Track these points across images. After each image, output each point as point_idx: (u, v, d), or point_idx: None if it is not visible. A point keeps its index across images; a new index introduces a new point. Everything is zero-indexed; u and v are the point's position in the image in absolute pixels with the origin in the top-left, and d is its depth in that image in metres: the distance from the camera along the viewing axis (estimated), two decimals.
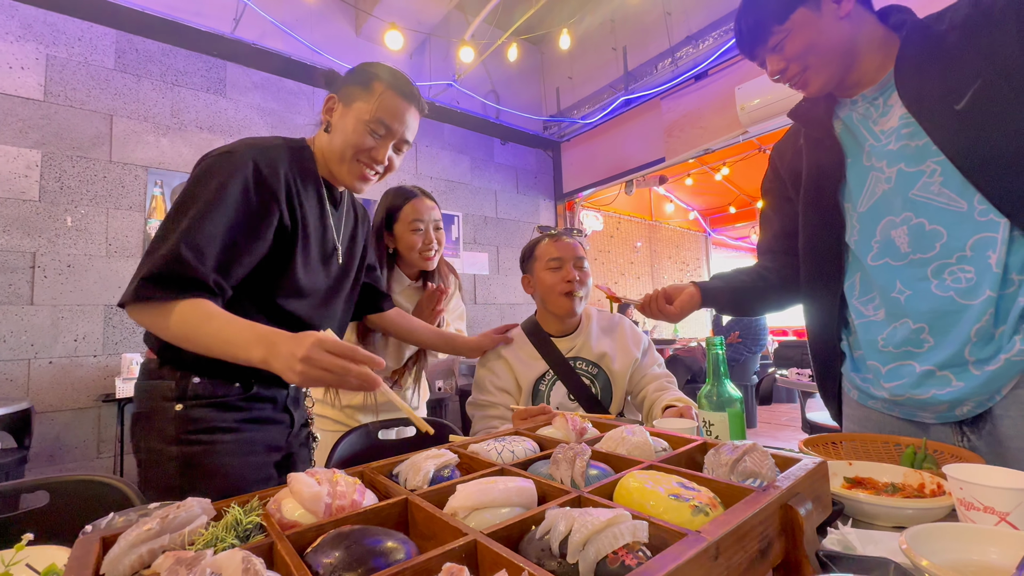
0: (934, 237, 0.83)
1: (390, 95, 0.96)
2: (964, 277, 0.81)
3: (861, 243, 0.93)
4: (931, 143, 0.81)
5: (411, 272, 1.55)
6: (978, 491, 0.57)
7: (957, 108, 0.78)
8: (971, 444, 0.85)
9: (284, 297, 0.95)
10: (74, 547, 0.47)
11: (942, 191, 0.82)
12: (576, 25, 4.49)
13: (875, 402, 0.96)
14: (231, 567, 0.36)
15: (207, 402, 0.91)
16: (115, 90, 3.04)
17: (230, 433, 0.93)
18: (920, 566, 0.46)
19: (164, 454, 0.89)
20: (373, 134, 0.96)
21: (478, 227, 4.72)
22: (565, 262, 1.38)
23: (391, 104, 0.96)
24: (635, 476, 0.53)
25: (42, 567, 0.51)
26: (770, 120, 3.24)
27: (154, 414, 0.90)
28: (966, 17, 0.80)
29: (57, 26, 2.89)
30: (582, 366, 1.39)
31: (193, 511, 0.48)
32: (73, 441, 2.82)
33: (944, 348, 0.83)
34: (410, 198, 1.47)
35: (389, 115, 0.96)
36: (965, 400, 0.82)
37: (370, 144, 0.96)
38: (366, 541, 0.43)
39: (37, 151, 2.78)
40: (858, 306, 0.96)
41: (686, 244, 8.01)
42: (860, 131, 0.93)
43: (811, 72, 0.89)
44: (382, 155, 0.98)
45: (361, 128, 0.95)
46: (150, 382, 0.93)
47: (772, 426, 4.97)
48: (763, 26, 0.89)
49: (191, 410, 0.90)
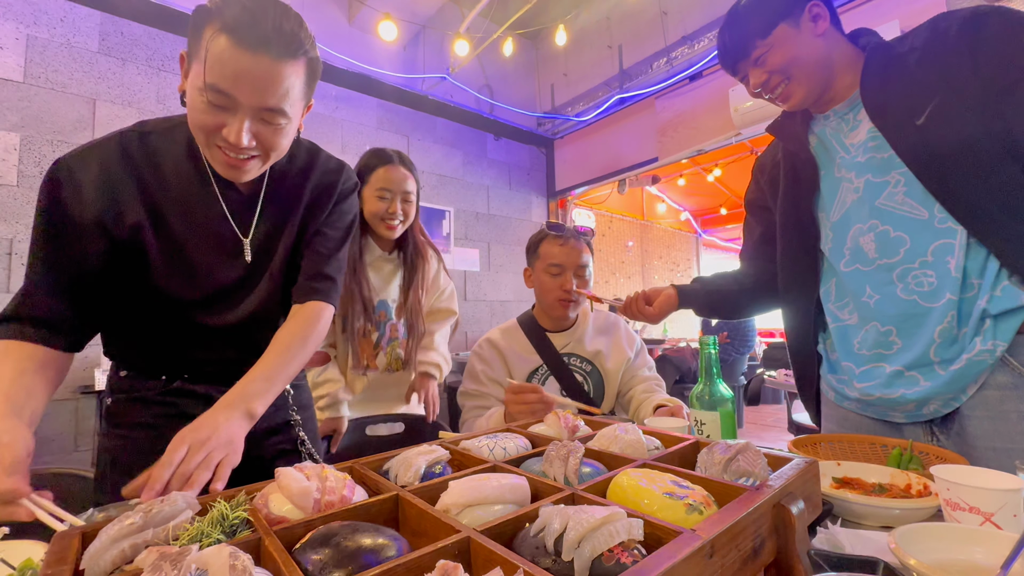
0: (898, 244, 0.88)
1: (225, 45, 0.66)
2: (926, 281, 0.85)
3: (835, 250, 0.98)
4: (895, 155, 0.87)
5: (384, 244, 1.48)
6: (964, 492, 0.58)
7: (917, 123, 0.84)
8: (941, 444, 0.89)
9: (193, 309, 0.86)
10: (52, 542, 0.45)
11: (905, 200, 0.87)
12: (572, 21, 4.47)
13: (849, 403, 1.00)
14: (217, 563, 0.35)
15: (127, 396, 0.90)
16: (99, 73, 2.96)
17: (145, 429, 0.88)
18: (908, 565, 0.46)
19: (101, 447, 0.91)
20: (211, 106, 0.69)
21: (469, 223, 4.70)
22: (565, 269, 1.36)
23: (228, 58, 0.66)
24: (629, 474, 0.53)
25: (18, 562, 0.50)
26: (763, 122, 3.26)
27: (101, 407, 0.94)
28: (925, 40, 0.86)
29: (39, 5, 2.80)
30: (576, 363, 1.39)
31: (177, 505, 0.46)
32: (50, 434, 2.76)
33: (911, 349, 0.87)
34: (385, 162, 1.40)
35: (227, 75, 0.67)
36: (931, 399, 0.86)
37: (212, 122, 0.70)
38: (357, 537, 0.42)
39: (16, 134, 2.70)
40: (834, 311, 1.00)
41: (677, 244, 8.06)
42: (832, 144, 0.98)
43: (792, 84, 0.94)
44: (235, 134, 0.70)
45: (196, 101, 0.70)
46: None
47: (758, 427, 5.04)
48: (746, 40, 0.94)
49: (115, 404, 0.90)
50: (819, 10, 0.91)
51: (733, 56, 0.97)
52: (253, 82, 0.68)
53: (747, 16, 0.94)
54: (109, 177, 0.78)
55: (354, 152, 3.93)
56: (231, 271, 0.88)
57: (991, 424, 0.82)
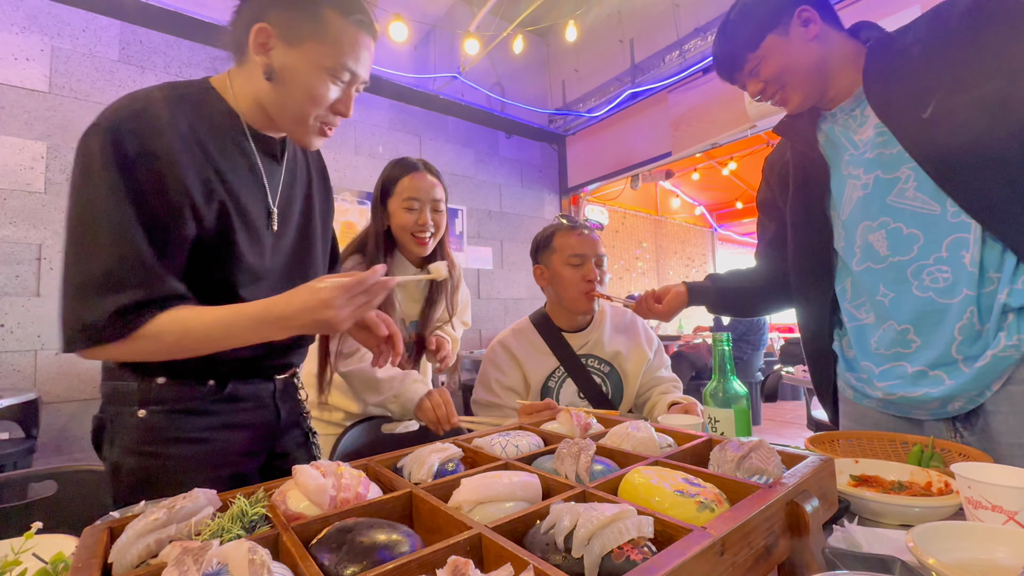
0: (911, 240, 0.86)
1: (351, 29, 0.76)
2: (941, 277, 0.84)
3: (847, 249, 0.96)
4: (903, 151, 0.85)
5: (414, 259, 1.37)
6: (986, 490, 0.56)
7: (924, 117, 0.82)
8: (964, 440, 0.87)
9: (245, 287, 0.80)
10: (82, 536, 0.47)
11: (916, 196, 0.85)
12: (583, 17, 4.44)
13: (870, 401, 0.98)
14: (237, 557, 0.37)
15: (171, 408, 0.78)
16: (119, 81, 3.04)
17: (195, 444, 0.80)
18: (927, 564, 0.45)
19: (123, 467, 0.77)
20: (337, 82, 0.77)
21: (482, 221, 4.71)
22: (587, 259, 1.32)
23: (355, 40, 0.76)
24: (640, 472, 0.53)
25: (49, 556, 0.52)
26: (778, 114, 3.19)
27: (116, 419, 0.79)
28: (927, 30, 0.85)
29: (62, 17, 2.89)
30: (594, 364, 1.35)
31: (199, 502, 0.48)
32: (80, 431, 2.85)
33: (932, 348, 0.86)
34: (409, 171, 1.30)
35: (354, 55, 0.76)
36: (956, 396, 0.84)
37: (334, 95, 0.78)
38: (371, 533, 0.43)
39: (42, 143, 2.79)
40: (851, 310, 0.98)
41: (692, 240, 7.97)
42: (841, 142, 0.96)
43: (789, 90, 0.94)
44: (347, 105, 0.80)
45: (322, 78, 0.76)
46: (111, 383, 0.80)
47: (777, 423, 4.96)
48: (737, 53, 0.95)
49: (153, 416, 0.78)
50: (808, 14, 0.90)
51: (728, 68, 0.98)
52: (367, 60, 0.80)
53: (736, 29, 0.94)
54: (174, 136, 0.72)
55: (367, 153, 3.97)
56: (266, 244, 0.84)
57: (1016, 420, 0.80)
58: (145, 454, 0.78)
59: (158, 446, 0.78)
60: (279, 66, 0.76)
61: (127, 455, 0.78)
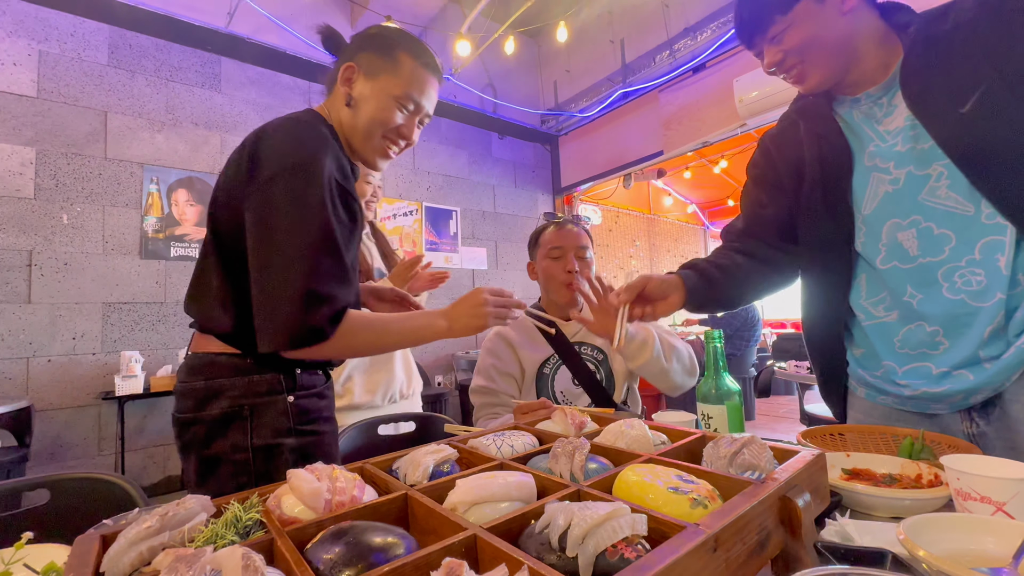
0: (943, 241, 0.82)
1: (420, 69, 0.92)
2: (975, 280, 0.80)
3: (868, 245, 0.91)
4: (935, 146, 0.79)
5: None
6: (975, 481, 0.57)
7: (962, 111, 0.76)
8: (980, 429, 0.85)
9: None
10: (74, 545, 0.47)
11: (949, 195, 0.80)
12: (573, 17, 4.45)
13: (886, 398, 0.94)
14: (231, 564, 0.36)
15: (309, 392, 0.92)
16: (109, 86, 3.01)
17: (329, 423, 0.97)
18: (918, 556, 0.46)
19: (279, 448, 0.87)
20: (403, 109, 0.93)
21: (476, 222, 4.71)
22: (566, 251, 1.39)
23: (421, 78, 0.93)
24: (634, 469, 0.53)
25: (41, 566, 0.51)
26: (768, 112, 3.22)
27: (265, 408, 0.87)
28: (973, 18, 0.78)
29: (49, 21, 2.86)
30: (587, 351, 1.40)
31: (192, 508, 0.48)
32: (74, 439, 2.83)
33: (959, 350, 0.82)
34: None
35: (419, 90, 0.93)
36: (980, 390, 0.82)
37: (399, 121, 0.93)
38: (366, 536, 0.43)
39: (31, 148, 2.76)
40: (867, 307, 0.93)
41: (685, 237, 8.01)
42: (863, 130, 0.90)
43: (808, 66, 0.86)
44: (410, 131, 0.96)
45: (390, 104, 0.91)
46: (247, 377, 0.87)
47: (770, 418, 4.99)
48: (765, 15, 0.86)
49: (301, 400, 0.91)
50: None
51: (750, 30, 0.90)
52: (432, 97, 0.96)
53: None
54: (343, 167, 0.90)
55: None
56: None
57: None
58: (300, 433, 0.90)
59: (314, 425, 0.92)
60: (357, 94, 0.92)
61: (284, 436, 0.88)
